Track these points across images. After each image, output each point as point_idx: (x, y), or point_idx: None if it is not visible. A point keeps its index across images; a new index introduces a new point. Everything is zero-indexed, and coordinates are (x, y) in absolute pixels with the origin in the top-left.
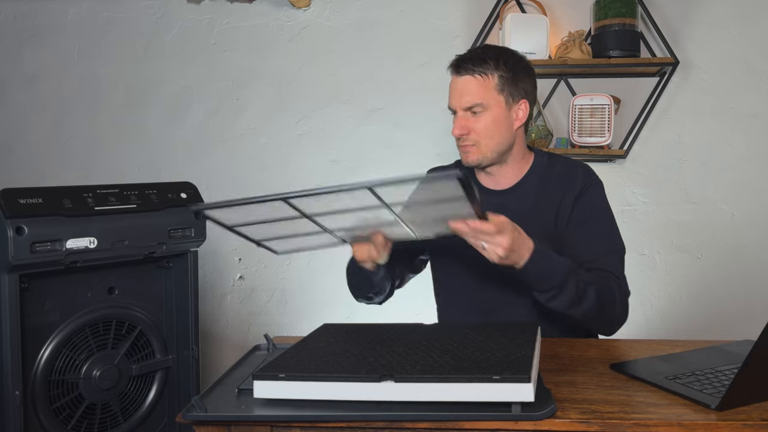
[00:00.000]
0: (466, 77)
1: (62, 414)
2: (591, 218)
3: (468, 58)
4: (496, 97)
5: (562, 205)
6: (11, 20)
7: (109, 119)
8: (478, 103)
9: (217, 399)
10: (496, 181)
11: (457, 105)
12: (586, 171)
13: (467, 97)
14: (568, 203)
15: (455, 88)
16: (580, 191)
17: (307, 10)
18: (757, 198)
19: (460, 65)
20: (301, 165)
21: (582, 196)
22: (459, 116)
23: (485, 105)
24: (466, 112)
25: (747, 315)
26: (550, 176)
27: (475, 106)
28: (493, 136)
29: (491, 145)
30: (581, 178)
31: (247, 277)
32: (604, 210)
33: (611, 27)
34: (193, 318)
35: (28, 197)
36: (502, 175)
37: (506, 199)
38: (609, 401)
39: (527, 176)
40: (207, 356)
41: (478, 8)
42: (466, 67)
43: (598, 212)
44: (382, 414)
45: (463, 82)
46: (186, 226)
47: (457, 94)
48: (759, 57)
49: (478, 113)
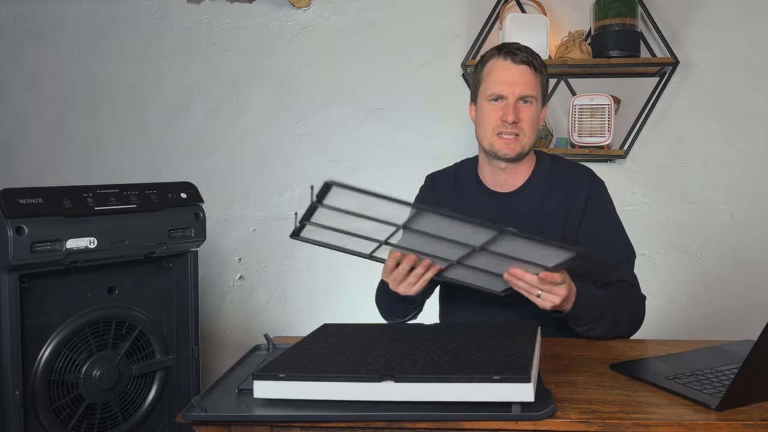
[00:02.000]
0: (523, 67)
1: (62, 414)
2: (603, 225)
3: (518, 49)
4: (540, 93)
5: (570, 211)
6: (11, 20)
7: (109, 119)
8: (532, 94)
9: (217, 399)
10: (503, 182)
11: (510, 92)
12: (591, 175)
13: (524, 86)
14: (576, 209)
15: (509, 75)
16: (588, 197)
17: (307, 10)
18: (757, 198)
19: (516, 53)
20: (301, 165)
21: (591, 204)
22: (511, 103)
23: (536, 97)
24: (518, 101)
25: (747, 315)
26: (555, 179)
27: (529, 96)
28: (534, 129)
29: (531, 137)
30: (588, 184)
31: (247, 277)
32: (613, 214)
33: (611, 27)
34: (193, 318)
35: (28, 197)
36: (514, 174)
37: (512, 201)
38: (609, 401)
39: (531, 178)
40: (207, 356)
41: (478, 8)
42: (522, 56)
43: (609, 218)
44: (382, 414)
45: (520, 71)
46: (186, 226)
47: (513, 81)
48: (759, 57)
49: (528, 103)
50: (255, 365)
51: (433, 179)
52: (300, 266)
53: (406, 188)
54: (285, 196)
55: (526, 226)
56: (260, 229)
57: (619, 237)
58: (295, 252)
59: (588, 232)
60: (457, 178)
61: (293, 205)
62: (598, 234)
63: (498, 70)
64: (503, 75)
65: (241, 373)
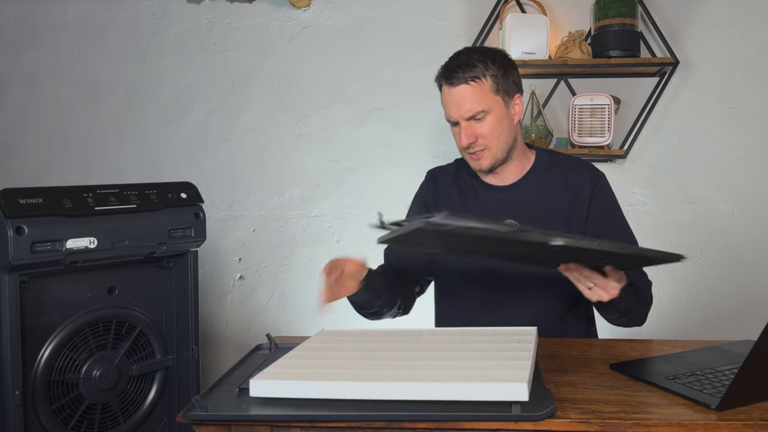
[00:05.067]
0: (460, 87)
1: (62, 414)
2: (610, 216)
3: (456, 67)
4: (494, 98)
5: (574, 204)
6: (11, 20)
7: (109, 119)
8: (480, 110)
9: (217, 399)
10: (501, 178)
11: (457, 116)
12: (592, 168)
13: (467, 106)
14: (581, 202)
15: (452, 100)
16: (593, 190)
17: (307, 10)
18: (757, 198)
19: (451, 75)
20: (301, 165)
21: (596, 196)
22: (463, 126)
23: (487, 110)
24: (469, 121)
25: (747, 315)
26: (554, 172)
27: (477, 114)
28: (500, 136)
29: (500, 145)
30: (590, 177)
31: (247, 277)
32: (617, 205)
33: (611, 27)
34: (193, 318)
35: (28, 197)
36: (507, 171)
37: (510, 194)
38: (609, 401)
39: (530, 172)
40: (207, 356)
41: (478, 8)
42: (458, 76)
43: (614, 209)
44: (382, 414)
45: (459, 92)
46: (186, 226)
47: (455, 105)
48: (759, 57)
49: (480, 119)
50: (256, 365)
51: (434, 174)
52: (300, 266)
53: (406, 188)
54: (285, 196)
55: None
56: (260, 229)
57: (625, 226)
58: (295, 252)
59: (596, 223)
60: (457, 173)
61: (293, 205)
62: (607, 225)
63: (444, 95)
64: (447, 101)
65: (241, 372)
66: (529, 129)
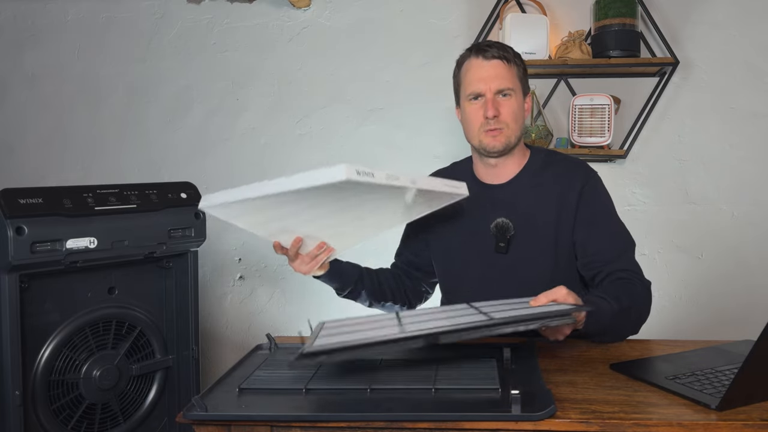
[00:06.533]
0: (495, 61)
1: (62, 414)
2: (600, 215)
3: (490, 46)
4: (518, 84)
5: (564, 203)
6: (11, 20)
7: (109, 119)
8: (509, 87)
9: (217, 399)
10: (495, 175)
11: (486, 88)
12: (584, 167)
13: (499, 80)
14: (571, 200)
15: (484, 72)
16: (582, 188)
17: (307, 10)
18: (757, 198)
19: (487, 51)
20: (301, 165)
21: (585, 194)
22: (489, 99)
23: (514, 89)
24: (496, 96)
25: (747, 315)
26: (547, 173)
27: (506, 90)
28: (518, 120)
29: (516, 129)
30: (581, 175)
31: (247, 277)
32: (609, 204)
33: (611, 27)
34: (193, 318)
35: (28, 197)
36: (505, 166)
37: (502, 193)
38: (609, 401)
39: (523, 172)
40: (207, 356)
41: (478, 8)
42: (494, 52)
43: (605, 208)
44: (382, 414)
45: (494, 67)
46: (186, 226)
47: (488, 77)
48: (759, 57)
49: (507, 95)
50: (256, 365)
51: None
52: None
53: None
54: None
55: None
56: None
57: (617, 226)
58: None
59: (585, 222)
60: (453, 175)
61: None
62: (596, 224)
63: (473, 69)
64: (478, 73)
65: (241, 372)
66: (529, 129)
